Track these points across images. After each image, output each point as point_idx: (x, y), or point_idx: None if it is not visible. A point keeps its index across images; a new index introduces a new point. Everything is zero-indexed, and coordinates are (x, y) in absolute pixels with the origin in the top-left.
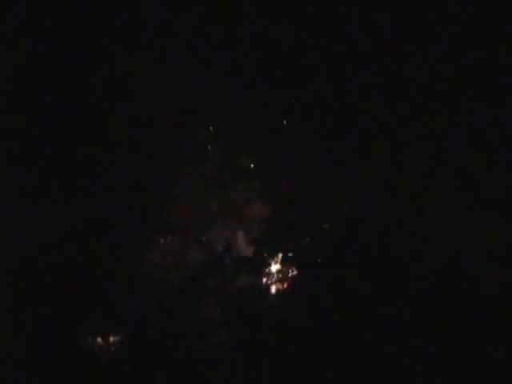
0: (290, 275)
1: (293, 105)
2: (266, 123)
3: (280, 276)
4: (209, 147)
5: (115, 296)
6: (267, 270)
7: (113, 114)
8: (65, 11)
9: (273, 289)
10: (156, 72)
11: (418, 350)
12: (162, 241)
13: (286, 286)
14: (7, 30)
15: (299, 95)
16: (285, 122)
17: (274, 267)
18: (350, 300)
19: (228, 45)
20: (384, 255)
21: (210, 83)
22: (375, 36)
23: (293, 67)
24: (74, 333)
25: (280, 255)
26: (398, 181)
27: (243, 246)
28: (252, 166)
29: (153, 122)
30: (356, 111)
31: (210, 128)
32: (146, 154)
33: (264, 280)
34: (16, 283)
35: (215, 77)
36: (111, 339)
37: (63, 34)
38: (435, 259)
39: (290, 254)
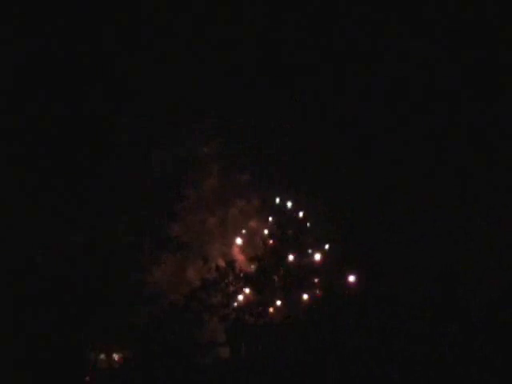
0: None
1: (293, 105)
2: (264, 139)
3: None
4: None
5: (117, 312)
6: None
7: (113, 113)
8: (65, 11)
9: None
10: (156, 72)
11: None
12: (163, 258)
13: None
14: (7, 30)
15: (299, 96)
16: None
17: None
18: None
19: (228, 45)
20: (384, 263)
21: (209, 84)
22: (375, 36)
23: (293, 67)
24: (74, 345)
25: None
26: (397, 180)
27: (242, 262)
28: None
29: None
30: (356, 111)
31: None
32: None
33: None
34: (16, 283)
35: (215, 77)
36: (114, 356)
37: (63, 34)
38: (435, 265)
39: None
